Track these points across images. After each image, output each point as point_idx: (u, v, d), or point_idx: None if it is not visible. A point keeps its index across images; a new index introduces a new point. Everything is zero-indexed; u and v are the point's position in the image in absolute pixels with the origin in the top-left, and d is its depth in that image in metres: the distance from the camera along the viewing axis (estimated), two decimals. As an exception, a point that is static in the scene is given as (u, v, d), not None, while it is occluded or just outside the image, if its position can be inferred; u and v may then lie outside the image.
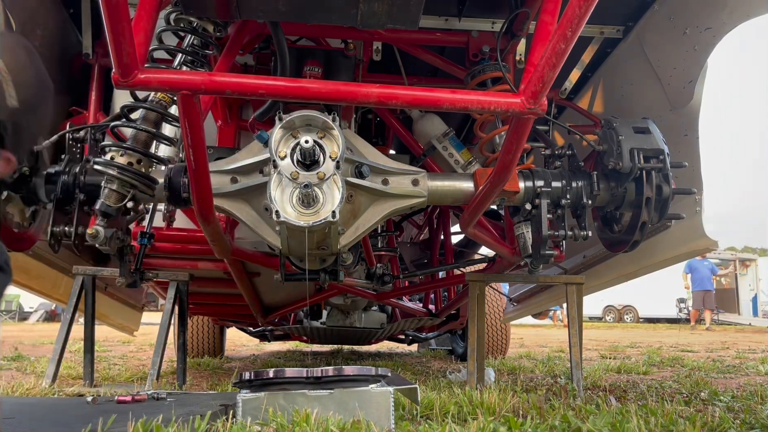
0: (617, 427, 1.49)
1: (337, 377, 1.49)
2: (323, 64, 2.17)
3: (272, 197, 1.70)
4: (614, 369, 4.01)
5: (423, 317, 4.40)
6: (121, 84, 1.34)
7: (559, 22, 1.31)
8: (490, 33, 2.37)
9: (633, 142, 2.03)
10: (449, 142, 2.49)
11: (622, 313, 23.17)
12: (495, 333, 5.41)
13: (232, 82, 1.44)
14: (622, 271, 3.05)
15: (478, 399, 1.84)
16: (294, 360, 5.57)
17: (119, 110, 1.90)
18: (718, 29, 2.26)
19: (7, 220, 1.85)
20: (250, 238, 2.70)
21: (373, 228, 2.00)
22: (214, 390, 2.52)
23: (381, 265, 2.98)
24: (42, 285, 3.21)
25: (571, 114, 3.11)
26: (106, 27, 1.20)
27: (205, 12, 1.76)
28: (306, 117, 1.74)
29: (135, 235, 2.48)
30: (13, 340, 7.77)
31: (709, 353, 6.33)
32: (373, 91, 1.47)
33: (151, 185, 1.87)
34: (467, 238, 4.59)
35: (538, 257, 2.10)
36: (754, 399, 2.36)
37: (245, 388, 1.51)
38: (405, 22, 1.63)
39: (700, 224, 2.43)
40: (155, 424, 1.29)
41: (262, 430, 1.32)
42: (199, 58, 1.93)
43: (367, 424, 1.36)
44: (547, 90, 1.45)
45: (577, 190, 2.08)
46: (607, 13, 2.53)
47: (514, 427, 1.45)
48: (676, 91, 2.49)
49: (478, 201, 1.98)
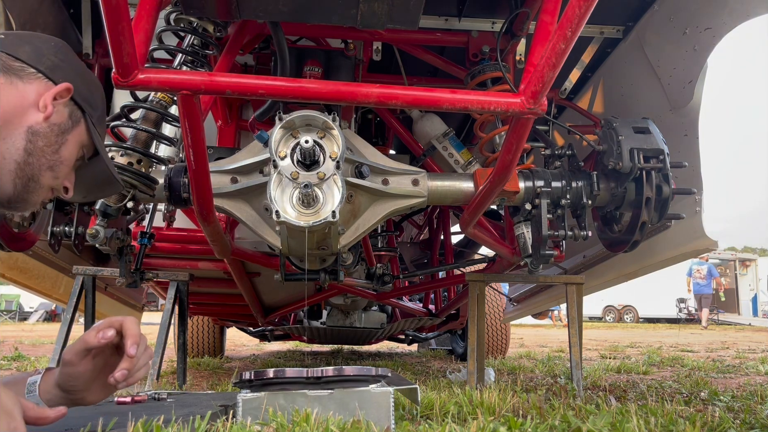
0: (617, 427, 1.49)
1: (337, 377, 1.49)
2: (323, 64, 2.17)
3: (272, 197, 1.70)
4: (614, 369, 4.01)
5: (423, 317, 4.40)
6: (121, 84, 1.33)
7: (559, 22, 1.31)
8: (490, 33, 2.37)
9: (633, 142, 2.03)
10: (449, 142, 2.49)
11: (622, 313, 23.20)
12: (495, 333, 5.42)
13: (232, 82, 1.43)
14: (622, 271, 3.05)
15: (478, 399, 1.84)
16: (294, 360, 5.57)
17: (119, 110, 1.90)
18: (718, 29, 2.26)
19: (7, 220, 1.85)
20: (250, 238, 2.71)
21: (373, 228, 2.00)
22: (214, 390, 2.52)
23: (381, 265, 2.98)
24: (42, 285, 3.21)
25: (571, 114, 3.11)
26: (106, 27, 1.20)
27: (205, 12, 1.76)
28: (306, 117, 1.75)
29: (135, 235, 2.48)
30: (13, 340, 7.77)
31: (709, 353, 6.34)
32: (373, 91, 1.47)
33: (151, 185, 1.87)
34: (467, 238, 4.59)
35: (538, 257, 2.10)
36: (754, 399, 2.36)
37: (245, 388, 1.50)
38: (405, 22, 1.63)
39: (700, 224, 2.43)
40: (155, 424, 1.29)
41: (262, 430, 1.32)
42: (199, 58, 1.93)
43: (367, 424, 1.36)
44: (547, 90, 1.45)
45: (577, 190, 2.08)
46: (607, 13, 2.53)
47: (514, 427, 1.45)
48: (676, 91, 2.49)
49: (478, 201, 1.98)
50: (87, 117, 1.24)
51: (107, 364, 1.21)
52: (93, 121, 1.25)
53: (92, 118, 1.25)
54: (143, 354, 1.19)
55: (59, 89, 1.16)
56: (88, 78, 1.29)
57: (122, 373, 1.14)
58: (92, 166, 1.30)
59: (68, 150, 1.20)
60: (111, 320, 1.20)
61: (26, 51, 1.16)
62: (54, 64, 1.18)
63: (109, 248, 2.02)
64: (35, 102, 1.13)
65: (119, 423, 1.30)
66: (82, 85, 1.23)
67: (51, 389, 1.21)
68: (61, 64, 1.20)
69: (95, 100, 1.28)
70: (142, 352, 1.18)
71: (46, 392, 1.21)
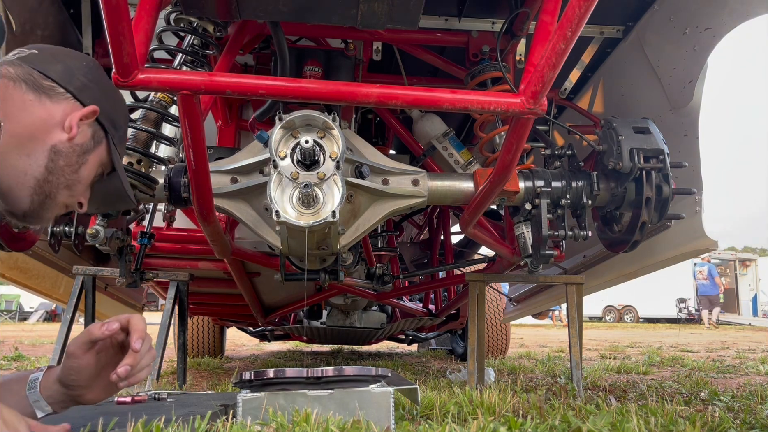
0: (617, 427, 1.49)
1: (337, 377, 1.48)
2: (323, 64, 2.17)
3: (272, 197, 1.70)
4: (614, 369, 4.01)
5: (423, 317, 4.40)
6: (121, 84, 1.34)
7: (559, 22, 1.31)
8: (490, 33, 2.37)
9: (633, 142, 2.03)
10: (449, 142, 2.49)
11: (622, 313, 23.20)
12: (495, 333, 5.41)
13: (232, 82, 1.43)
14: (622, 271, 3.05)
15: (478, 399, 1.84)
16: (294, 360, 5.57)
17: (119, 110, 1.90)
18: (718, 29, 2.26)
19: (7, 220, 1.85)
20: (250, 238, 2.70)
21: (374, 228, 2.00)
22: (214, 390, 2.52)
23: (381, 265, 2.98)
24: (42, 285, 3.21)
25: (571, 114, 3.11)
26: (106, 27, 1.20)
27: (205, 12, 1.76)
28: (306, 117, 1.75)
29: (135, 235, 2.48)
30: (13, 340, 7.77)
31: (709, 353, 6.34)
32: (373, 91, 1.47)
33: (152, 185, 1.87)
34: (467, 238, 4.59)
35: (538, 257, 2.10)
36: (754, 399, 2.36)
37: (245, 388, 1.50)
38: (405, 22, 1.63)
39: (700, 224, 2.43)
40: (156, 424, 1.29)
41: (263, 430, 1.32)
42: (199, 58, 1.93)
43: (367, 424, 1.36)
44: (547, 90, 1.45)
45: (577, 190, 2.08)
46: (607, 13, 2.53)
47: (514, 427, 1.45)
48: (676, 91, 2.49)
49: (478, 201, 1.98)
50: (109, 137, 1.26)
51: (110, 363, 1.21)
52: (114, 141, 1.27)
53: (114, 138, 1.27)
54: (147, 353, 1.19)
55: (86, 112, 1.18)
56: (115, 98, 1.31)
57: (125, 369, 1.14)
58: (108, 182, 1.33)
59: (88, 169, 1.23)
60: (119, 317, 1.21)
61: (57, 70, 1.18)
62: (83, 85, 1.20)
63: (109, 248, 2.02)
64: (61, 122, 1.16)
65: (119, 423, 1.30)
66: (108, 105, 1.26)
67: (51, 385, 1.21)
68: (90, 85, 1.22)
69: (119, 119, 1.30)
70: (146, 351, 1.18)
71: (47, 388, 1.21)
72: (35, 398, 1.20)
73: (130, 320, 1.19)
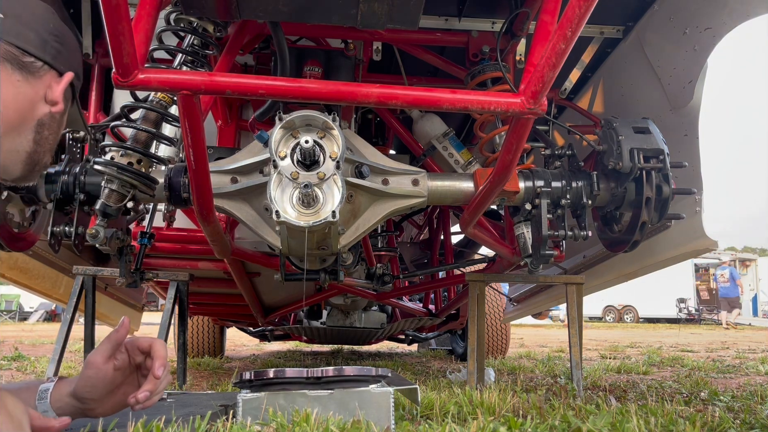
0: (617, 427, 1.49)
1: (338, 377, 1.48)
2: (323, 64, 2.17)
3: (272, 197, 1.70)
4: (614, 369, 4.01)
5: (423, 317, 4.40)
6: (121, 84, 1.33)
7: (559, 22, 1.31)
8: (490, 33, 2.37)
9: (633, 142, 2.03)
10: (449, 142, 2.49)
11: (622, 313, 23.21)
12: (495, 333, 5.42)
13: (232, 82, 1.43)
14: (622, 271, 3.05)
15: (478, 399, 1.84)
16: (294, 360, 5.57)
17: (119, 110, 1.90)
18: (718, 29, 2.26)
19: (7, 220, 1.85)
20: (250, 238, 2.70)
21: (374, 228, 2.00)
22: (214, 390, 2.52)
23: (381, 265, 2.98)
24: (42, 285, 3.21)
25: (571, 114, 3.11)
26: (106, 27, 1.20)
27: (205, 12, 1.76)
28: (306, 117, 1.74)
29: (135, 235, 2.48)
30: (13, 340, 7.77)
31: (709, 353, 6.34)
32: (373, 91, 1.47)
33: (151, 185, 1.87)
34: (467, 238, 4.59)
35: (538, 257, 2.10)
36: (754, 399, 2.36)
37: (245, 388, 1.50)
38: (405, 22, 1.63)
39: (700, 224, 2.43)
40: (156, 424, 1.29)
41: (263, 430, 1.32)
42: (199, 58, 1.93)
43: (367, 424, 1.36)
44: (547, 90, 1.45)
45: (577, 190, 2.08)
46: (607, 13, 2.53)
47: (514, 427, 1.45)
48: (676, 91, 2.49)
49: (478, 201, 1.98)
50: (76, 94, 1.27)
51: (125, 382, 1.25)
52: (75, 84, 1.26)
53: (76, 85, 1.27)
54: (164, 379, 1.23)
55: (65, 83, 1.19)
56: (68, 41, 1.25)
57: (145, 395, 1.18)
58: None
59: (63, 127, 1.26)
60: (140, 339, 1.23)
61: (32, 40, 1.15)
62: (56, 51, 1.19)
63: (109, 248, 2.02)
64: (44, 95, 1.16)
65: (119, 423, 1.30)
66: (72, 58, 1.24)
67: (63, 398, 1.23)
68: (59, 47, 1.19)
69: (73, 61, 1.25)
70: (164, 377, 1.21)
71: (57, 400, 1.23)
72: (44, 408, 1.21)
73: (152, 345, 1.23)
